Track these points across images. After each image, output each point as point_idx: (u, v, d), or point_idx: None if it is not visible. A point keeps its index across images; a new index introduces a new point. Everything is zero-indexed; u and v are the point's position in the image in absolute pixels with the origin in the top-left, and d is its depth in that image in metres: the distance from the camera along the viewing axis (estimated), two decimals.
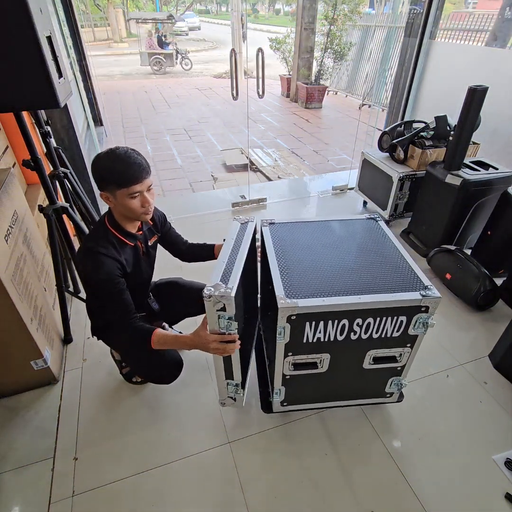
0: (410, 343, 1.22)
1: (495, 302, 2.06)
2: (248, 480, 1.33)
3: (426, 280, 1.16)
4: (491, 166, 2.33)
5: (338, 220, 1.50)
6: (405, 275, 1.19)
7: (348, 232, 1.43)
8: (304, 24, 6.87)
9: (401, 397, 1.47)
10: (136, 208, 1.16)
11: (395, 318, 1.13)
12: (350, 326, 1.14)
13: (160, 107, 7.12)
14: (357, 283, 1.15)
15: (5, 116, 1.91)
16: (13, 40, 1.11)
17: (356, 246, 1.34)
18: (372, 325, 1.14)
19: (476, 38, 3.50)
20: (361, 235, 1.41)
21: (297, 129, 6.03)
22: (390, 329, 1.17)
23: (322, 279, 1.17)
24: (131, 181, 1.12)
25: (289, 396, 1.38)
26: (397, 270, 1.21)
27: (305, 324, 1.12)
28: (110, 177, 1.11)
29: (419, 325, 1.16)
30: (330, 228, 1.45)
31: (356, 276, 1.19)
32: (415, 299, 1.09)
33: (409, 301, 1.09)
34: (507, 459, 1.38)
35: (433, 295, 1.09)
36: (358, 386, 1.39)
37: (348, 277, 1.18)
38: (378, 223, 1.47)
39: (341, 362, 1.26)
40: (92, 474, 1.34)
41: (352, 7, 6.67)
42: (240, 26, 7.91)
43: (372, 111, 6.47)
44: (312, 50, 7.21)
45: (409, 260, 1.25)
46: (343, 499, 1.28)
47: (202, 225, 2.88)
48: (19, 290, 1.37)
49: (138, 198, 1.16)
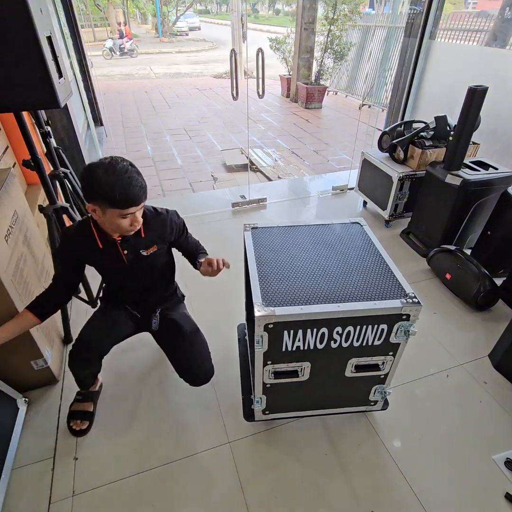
0: (392, 351, 1.19)
1: (495, 302, 2.06)
2: (248, 480, 1.33)
3: (408, 287, 1.13)
4: (491, 166, 2.33)
5: (322, 224, 1.47)
6: (386, 282, 1.16)
7: (332, 237, 1.39)
8: (304, 24, 6.87)
9: (385, 405, 1.45)
10: (125, 227, 1.13)
11: (375, 326, 1.11)
12: (329, 334, 1.12)
13: (160, 107, 7.12)
14: (337, 291, 1.13)
15: (5, 116, 1.92)
16: (13, 40, 1.11)
17: (338, 252, 1.31)
18: (353, 333, 1.12)
19: (476, 38, 3.50)
20: (345, 240, 1.37)
21: (297, 129, 6.03)
22: (371, 338, 1.14)
23: (302, 286, 1.15)
24: (129, 204, 1.07)
25: (271, 405, 1.37)
26: (378, 277, 1.19)
27: (283, 332, 1.09)
28: (105, 196, 1.04)
29: (400, 333, 1.13)
30: (314, 233, 1.42)
31: (337, 283, 1.17)
32: (395, 307, 1.06)
33: (389, 309, 1.07)
34: (507, 459, 1.38)
35: (414, 303, 1.07)
36: (341, 394, 1.36)
37: (329, 284, 1.16)
38: (363, 228, 1.44)
39: (323, 370, 1.24)
40: (92, 474, 1.34)
41: (352, 7, 6.67)
42: (240, 26, 7.91)
43: (372, 111, 6.48)
44: (312, 50, 7.21)
45: (392, 267, 1.22)
46: (343, 499, 1.28)
47: (202, 225, 2.88)
48: (19, 290, 1.37)
49: (128, 218, 1.11)
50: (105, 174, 1.03)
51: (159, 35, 19.70)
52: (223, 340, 1.83)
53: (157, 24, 20.08)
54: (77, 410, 1.49)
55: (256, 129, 5.91)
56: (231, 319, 1.93)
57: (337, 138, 5.61)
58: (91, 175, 1.05)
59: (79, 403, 1.51)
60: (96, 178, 1.03)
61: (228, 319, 1.95)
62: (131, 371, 1.71)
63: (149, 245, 1.28)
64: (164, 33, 19.58)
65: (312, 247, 1.34)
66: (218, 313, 2.00)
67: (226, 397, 1.61)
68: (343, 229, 1.45)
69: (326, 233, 1.43)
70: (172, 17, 20.41)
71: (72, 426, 1.46)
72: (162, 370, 1.72)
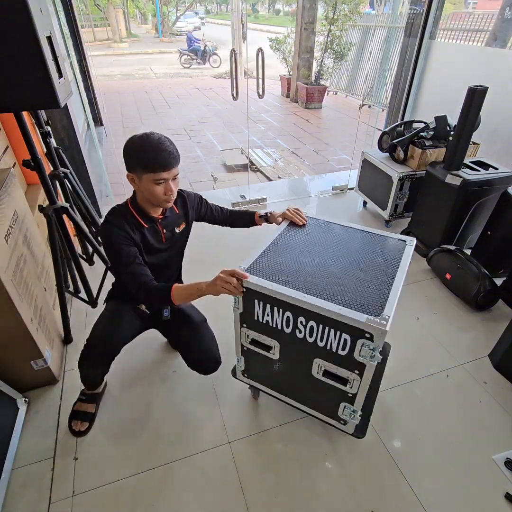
0: (358, 370, 1.13)
1: (495, 302, 2.06)
2: (248, 480, 1.33)
3: (390, 310, 1.03)
4: (491, 166, 2.33)
5: (367, 232, 1.41)
6: (374, 295, 1.09)
7: (364, 243, 1.35)
8: (304, 24, 6.87)
9: (360, 433, 1.31)
10: (159, 194, 1.19)
11: (338, 333, 1.07)
12: (294, 321, 1.14)
13: (160, 107, 7.12)
14: (318, 285, 1.12)
15: (5, 116, 1.91)
16: (13, 40, 1.11)
17: (358, 255, 1.28)
18: (316, 330, 1.11)
19: (476, 38, 3.50)
20: (376, 248, 1.32)
21: (297, 129, 6.03)
22: (335, 344, 1.11)
23: (291, 270, 1.18)
24: (159, 167, 1.14)
25: (249, 369, 1.44)
26: (372, 288, 1.12)
27: (254, 301, 1.17)
28: (139, 160, 1.14)
29: (365, 352, 1.06)
30: (338, 232, 1.42)
31: (328, 279, 1.14)
32: (358, 321, 1.00)
33: (352, 320, 1.01)
34: (507, 459, 1.38)
35: (379, 324, 0.98)
36: (311, 394, 1.34)
37: (319, 278, 1.15)
38: (406, 244, 1.35)
39: (291, 356, 1.26)
40: (92, 474, 1.34)
41: (352, 7, 6.67)
42: (240, 26, 7.90)
43: (372, 111, 6.48)
44: (312, 50, 7.21)
45: (395, 286, 1.14)
46: (343, 499, 1.28)
47: (202, 225, 2.87)
48: (19, 290, 1.37)
49: (162, 185, 1.17)
50: (140, 140, 1.14)
51: (159, 35, 19.70)
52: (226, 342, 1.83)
53: (157, 24, 20.07)
54: (79, 410, 1.50)
55: (256, 129, 5.91)
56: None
57: (337, 138, 5.61)
58: (128, 145, 1.16)
59: (82, 403, 1.52)
60: (131, 145, 1.15)
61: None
62: (132, 371, 1.71)
63: (180, 222, 1.38)
64: (164, 33, 19.57)
65: (335, 247, 1.32)
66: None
67: (226, 397, 1.61)
68: (382, 240, 1.38)
69: (364, 239, 1.38)
70: (172, 17, 20.41)
71: (72, 426, 1.47)
72: (162, 370, 1.72)
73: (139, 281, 1.20)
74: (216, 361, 1.46)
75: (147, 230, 1.28)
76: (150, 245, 1.30)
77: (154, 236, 1.31)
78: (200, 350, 1.45)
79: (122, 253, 1.20)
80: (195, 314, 1.52)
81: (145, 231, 1.28)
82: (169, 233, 1.35)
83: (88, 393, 1.53)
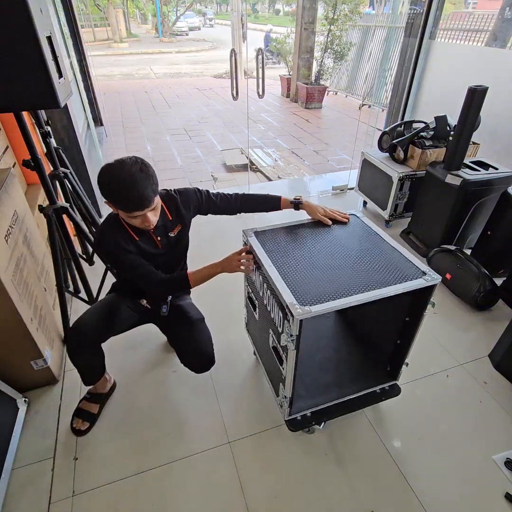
0: (285, 353, 1.17)
1: (495, 302, 2.06)
2: (248, 480, 1.33)
3: (319, 308, 1.03)
4: (491, 166, 2.33)
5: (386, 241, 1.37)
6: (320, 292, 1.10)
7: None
8: (304, 24, 6.87)
9: (292, 425, 1.33)
10: (137, 224, 1.20)
11: (276, 304, 1.16)
12: (261, 286, 1.28)
13: (160, 107, 7.12)
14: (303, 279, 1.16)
15: (5, 116, 1.91)
16: (13, 40, 1.11)
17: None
18: (269, 299, 1.22)
19: (476, 38, 3.50)
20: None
21: (297, 129, 6.03)
22: (277, 317, 1.18)
23: (292, 256, 1.25)
24: (132, 208, 1.12)
25: (248, 324, 1.65)
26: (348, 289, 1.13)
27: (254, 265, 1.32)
28: (111, 197, 1.12)
29: (287, 336, 1.09)
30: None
31: (315, 278, 1.16)
32: (284, 299, 1.05)
33: (282, 297, 1.06)
34: (507, 459, 1.38)
35: (297, 311, 1.00)
36: (271, 367, 1.41)
37: (310, 275, 1.18)
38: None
39: (262, 321, 1.39)
40: (92, 474, 1.34)
41: (352, 7, 6.67)
42: (240, 26, 7.91)
43: (372, 111, 6.48)
44: (312, 50, 7.21)
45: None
46: (343, 499, 1.28)
47: (202, 225, 2.87)
48: (19, 290, 1.37)
49: (139, 218, 1.17)
50: (112, 178, 1.09)
51: (159, 35, 19.70)
52: (227, 342, 1.83)
53: (157, 24, 20.08)
54: (83, 408, 1.51)
55: (256, 129, 5.92)
56: (235, 323, 1.93)
57: (337, 138, 5.61)
58: (101, 177, 1.11)
59: (86, 402, 1.52)
60: (104, 179, 1.10)
61: (234, 323, 1.95)
62: (132, 371, 1.71)
63: (174, 226, 1.37)
64: (164, 33, 19.57)
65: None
66: (223, 316, 2.00)
67: (226, 398, 1.61)
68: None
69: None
70: (172, 17, 20.40)
71: (73, 424, 1.47)
72: (162, 370, 1.72)
73: (150, 280, 1.28)
74: (209, 361, 1.43)
75: (141, 241, 1.29)
76: (146, 253, 1.31)
77: (149, 244, 1.32)
78: (195, 348, 1.44)
79: (125, 263, 1.25)
80: (193, 312, 1.51)
81: (138, 243, 1.28)
82: (164, 239, 1.35)
83: (93, 392, 1.54)
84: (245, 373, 1.71)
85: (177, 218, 1.38)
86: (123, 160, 1.11)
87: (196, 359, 1.44)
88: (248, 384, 1.67)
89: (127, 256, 1.24)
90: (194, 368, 1.45)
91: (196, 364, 1.44)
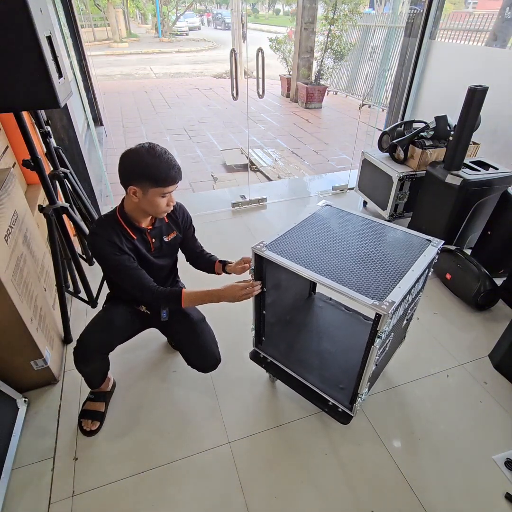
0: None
1: (495, 302, 2.06)
2: (248, 480, 1.33)
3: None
4: (491, 166, 2.33)
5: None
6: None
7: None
8: (304, 24, 6.87)
9: (254, 356, 1.52)
10: (162, 206, 1.21)
11: None
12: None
13: (160, 107, 7.12)
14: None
15: (5, 116, 1.91)
16: (13, 40, 1.11)
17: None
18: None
19: (476, 38, 3.50)
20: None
21: (297, 129, 6.03)
22: None
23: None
24: (170, 181, 1.16)
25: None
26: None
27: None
28: (150, 175, 1.13)
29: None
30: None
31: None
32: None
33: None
34: (507, 459, 1.38)
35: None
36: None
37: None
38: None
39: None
40: (92, 474, 1.34)
41: (352, 7, 6.67)
42: (240, 26, 7.91)
43: (372, 111, 6.47)
44: (312, 50, 7.21)
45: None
46: (343, 499, 1.28)
47: (202, 225, 2.87)
48: (19, 290, 1.37)
49: (166, 198, 1.20)
50: (149, 156, 1.12)
51: (159, 35, 19.68)
52: (227, 342, 1.83)
53: (157, 24, 20.07)
54: (89, 409, 1.50)
55: (256, 129, 5.91)
56: (236, 323, 1.93)
57: (337, 138, 5.61)
58: (135, 158, 1.13)
59: (91, 403, 1.52)
60: (141, 159, 1.12)
61: (234, 322, 1.95)
62: (132, 371, 1.71)
63: (169, 231, 1.38)
64: (164, 33, 19.56)
65: (356, 238, 1.34)
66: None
67: (226, 398, 1.61)
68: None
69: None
70: (172, 17, 20.40)
71: (83, 426, 1.47)
72: (162, 370, 1.72)
73: (143, 285, 1.25)
74: (215, 359, 1.46)
75: (137, 240, 1.29)
76: (140, 254, 1.31)
77: (143, 245, 1.32)
78: (200, 349, 1.45)
79: (117, 263, 1.22)
80: (194, 313, 1.52)
81: (135, 241, 1.28)
82: (157, 243, 1.36)
83: (96, 391, 1.54)
84: (245, 373, 1.71)
85: (173, 223, 1.40)
86: (144, 144, 1.15)
87: (202, 360, 1.46)
88: (248, 384, 1.67)
89: (119, 256, 1.22)
90: (201, 369, 1.48)
91: (202, 365, 1.47)
